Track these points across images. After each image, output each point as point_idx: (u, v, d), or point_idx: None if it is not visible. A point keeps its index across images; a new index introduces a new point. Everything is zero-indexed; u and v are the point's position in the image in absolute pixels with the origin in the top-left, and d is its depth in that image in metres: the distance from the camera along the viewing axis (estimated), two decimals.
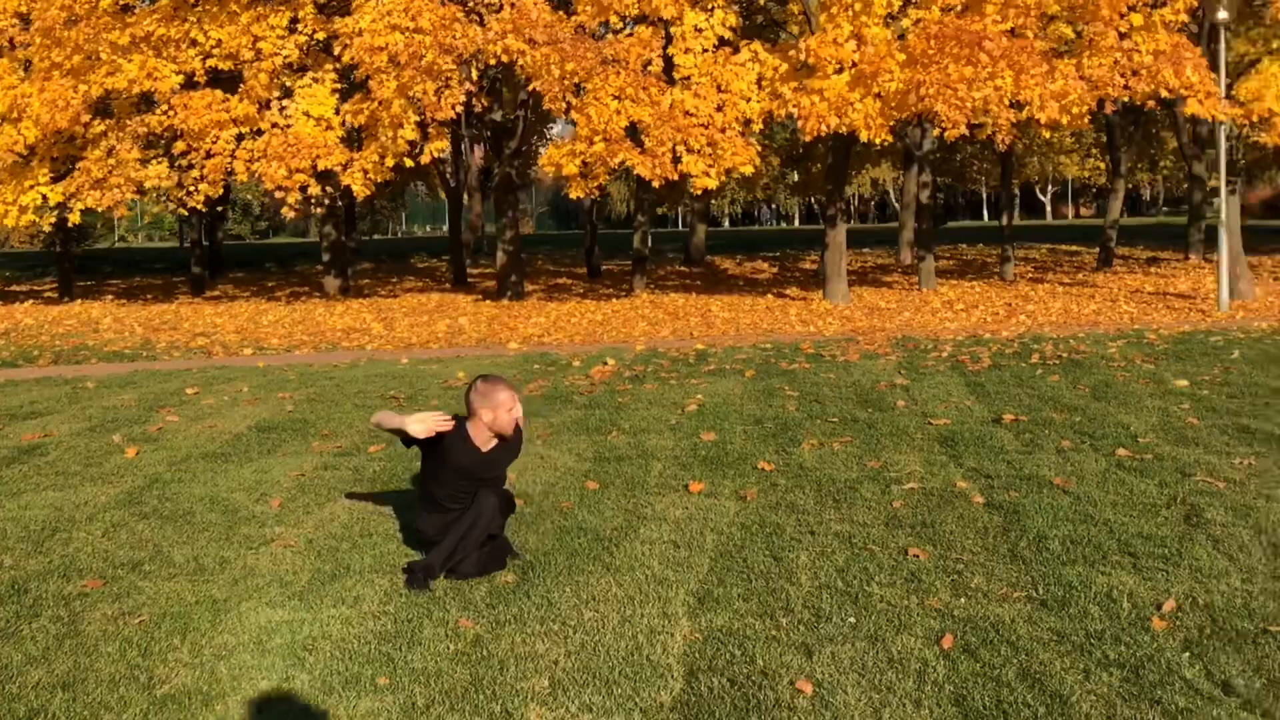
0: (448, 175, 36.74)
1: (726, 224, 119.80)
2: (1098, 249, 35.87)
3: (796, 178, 48.68)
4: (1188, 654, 5.24)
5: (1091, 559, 6.55)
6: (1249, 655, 5.20)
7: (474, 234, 49.08)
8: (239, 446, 10.36)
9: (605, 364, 15.22)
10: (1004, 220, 31.72)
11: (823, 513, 7.69)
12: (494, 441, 6.67)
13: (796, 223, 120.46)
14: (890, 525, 7.35)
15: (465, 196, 41.24)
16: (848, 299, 24.22)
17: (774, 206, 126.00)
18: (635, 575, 6.51)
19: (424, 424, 6.49)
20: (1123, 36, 19.78)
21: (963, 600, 5.97)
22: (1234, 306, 21.48)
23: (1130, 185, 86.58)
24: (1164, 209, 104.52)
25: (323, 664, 5.41)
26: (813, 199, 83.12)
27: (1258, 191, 78.73)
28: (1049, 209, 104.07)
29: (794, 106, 19.93)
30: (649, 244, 30.49)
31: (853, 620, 5.75)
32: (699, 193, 21.50)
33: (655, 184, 21.04)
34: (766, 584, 6.31)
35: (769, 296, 26.79)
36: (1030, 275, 32.24)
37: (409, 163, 23.34)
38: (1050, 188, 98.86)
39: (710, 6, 20.81)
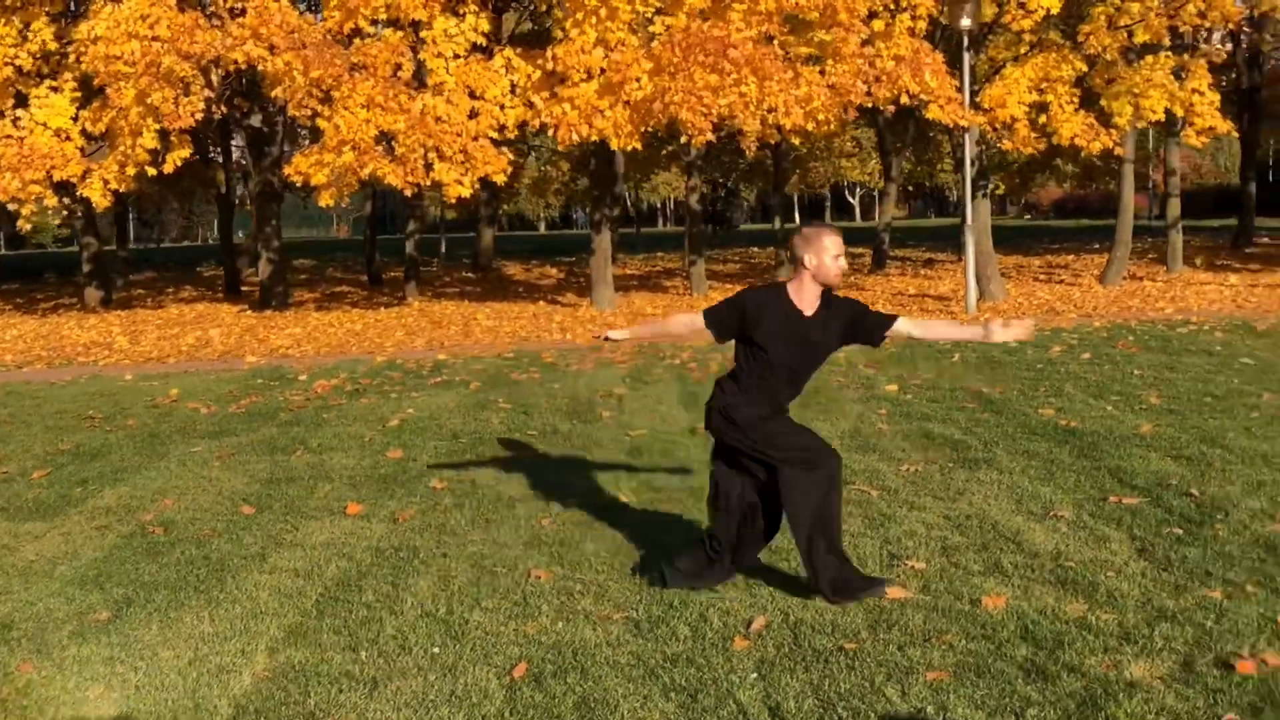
0: (219, 182, 35.86)
1: (543, 228, 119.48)
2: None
3: (588, 183, 48.54)
4: (756, 674, 5.18)
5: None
6: (814, 675, 5.15)
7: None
8: None
9: (332, 378, 14.89)
10: (777, 224, 32.04)
11: (469, 534, 7.53)
12: (818, 303, 6.03)
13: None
14: (530, 545, 7.21)
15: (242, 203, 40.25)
16: (614, 305, 24.18)
17: (587, 210, 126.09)
18: (236, 609, 6.26)
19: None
20: (867, 43, 20.06)
21: (560, 625, 5.85)
22: (983, 308, 21.95)
23: (931, 186, 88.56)
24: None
25: None
26: (627, 200, 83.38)
27: (1048, 190, 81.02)
28: (858, 211, 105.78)
29: (547, 115, 19.79)
30: (442, 249, 30.02)
31: (435, 650, 5.59)
32: (452, 201, 21.26)
33: (407, 192, 20.73)
34: (368, 613, 6.12)
35: (541, 303, 26.64)
36: None
37: (169, 168, 22.58)
38: (858, 190, 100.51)
39: (463, 12, 20.56)
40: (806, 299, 6.00)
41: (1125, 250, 26.53)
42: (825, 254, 5.94)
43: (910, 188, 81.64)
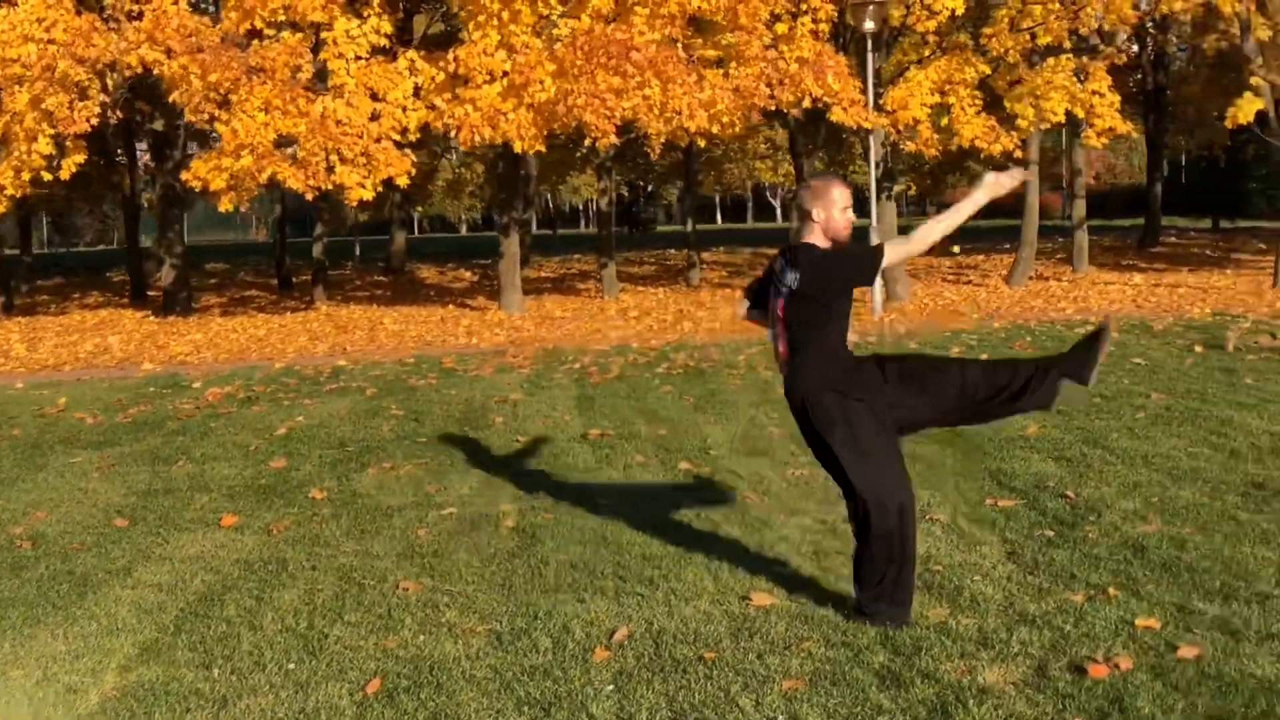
0: (124, 186, 35.34)
1: (464, 230, 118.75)
2: None
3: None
4: (613, 686, 5.13)
5: (579, 585, 6.43)
6: (671, 685, 5.10)
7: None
8: None
9: (227, 385, 14.68)
10: (689, 226, 32.07)
11: (342, 545, 7.42)
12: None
13: (534, 228, 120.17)
14: (403, 557, 7.12)
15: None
16: (522, 309, 24.08)
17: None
18: (93, 626, 6.12)
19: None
20: (771, 46, 20.10)
21: (422, 639, 5.77)
22: (888, 308, 22.07)
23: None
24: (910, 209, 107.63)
25: None
26: (549, 202, 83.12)
27: (963, 191, 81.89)
28: (779, 212, 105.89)
29: (449, 118, 19.66)
30: (357, 252, 29.72)
31: (290, 667, 5.49)
32: (354, 203, 21.08)
33: (308, 196, 20.51)
34: (227, 629, 6.00)
35: (451, 307, 26.49)
36: (718, 281, 32.65)
37: (65, 174, 22.16)
38: (779, 191, 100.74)
39: (365, 13, 20.38)
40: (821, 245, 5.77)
41: (1031, 251, 26.80)
42: (834, 207, 5.71)
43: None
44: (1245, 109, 22.11)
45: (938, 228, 5.93)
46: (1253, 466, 8.50)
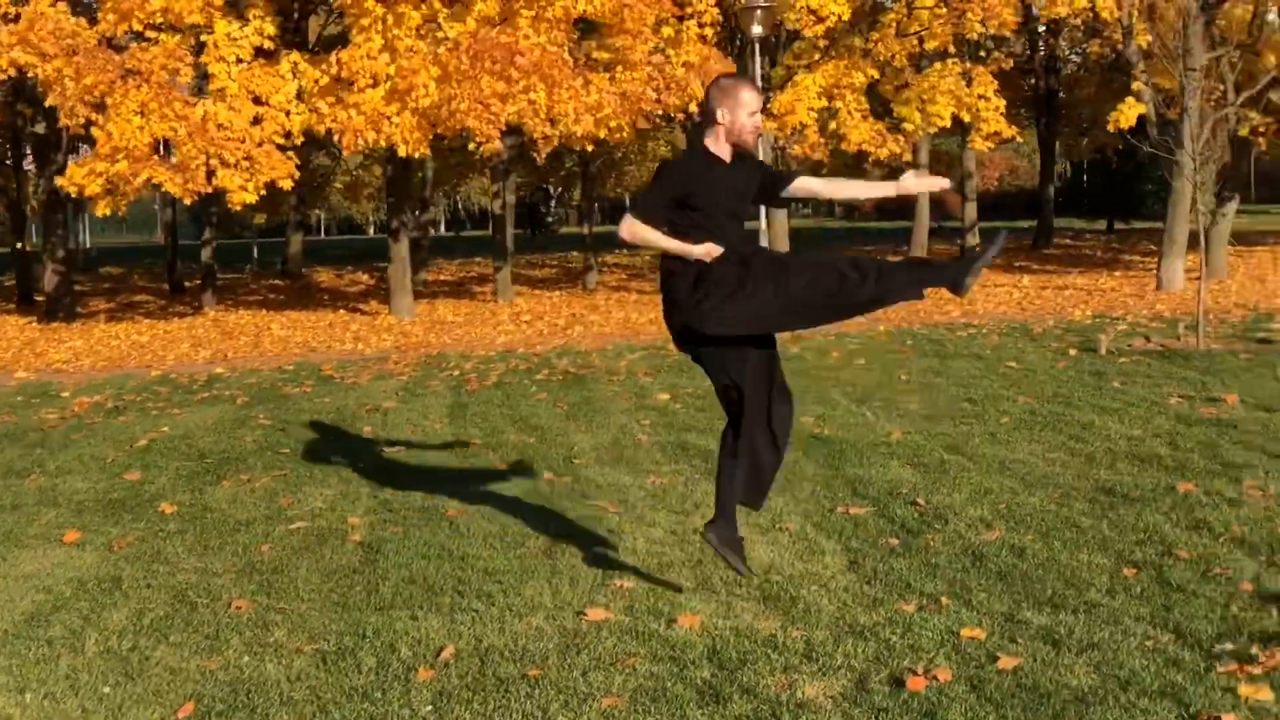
0: (9, 190, 34.57)
1: (371, 231, 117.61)
2: None
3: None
4: (431, 708, 5.05)
5: (415, 601, 6.34)
6: (490, 705, 5.04)
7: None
8: None
9: (98, 394, 14.40)
10: (586, 229, 32.02)
11: (183, 561, 7.28)
12: (733, 156, 5.55)
13: (444, 229, 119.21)
14: (243, 573, 6.99)
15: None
16: (413, 314, 23.90)
17: (418, 213, 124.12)
18: None
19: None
20: (656, 51, 20.10)
21: (246, 659, 5.65)
22: None
23: None
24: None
25: None
26: (459, 204, 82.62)
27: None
28: None
29: (332, 121, 19.45)
30: (254, 255, 29.29)
31: (106, 690, 5.35)
32: (237, 208, 20.79)
33: (187, 200, 20.20)
34: (47, 651, 5.85)
35: (342, 311, 26.23)
36: (615, 284, 32.62)
37: None
38: None
39: (249, 16, 20.11)
40: (723, 154, 5.57)
41: (921, 253, 27.03)
42: (741, 109, 5.44)
43: None
44: (1127, 114, 22.45)
45: (851, 186, 6.08)
46: (1105, 472, 8.58)
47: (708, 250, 5.44)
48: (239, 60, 19.73)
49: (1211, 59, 25.16)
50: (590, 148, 22.40)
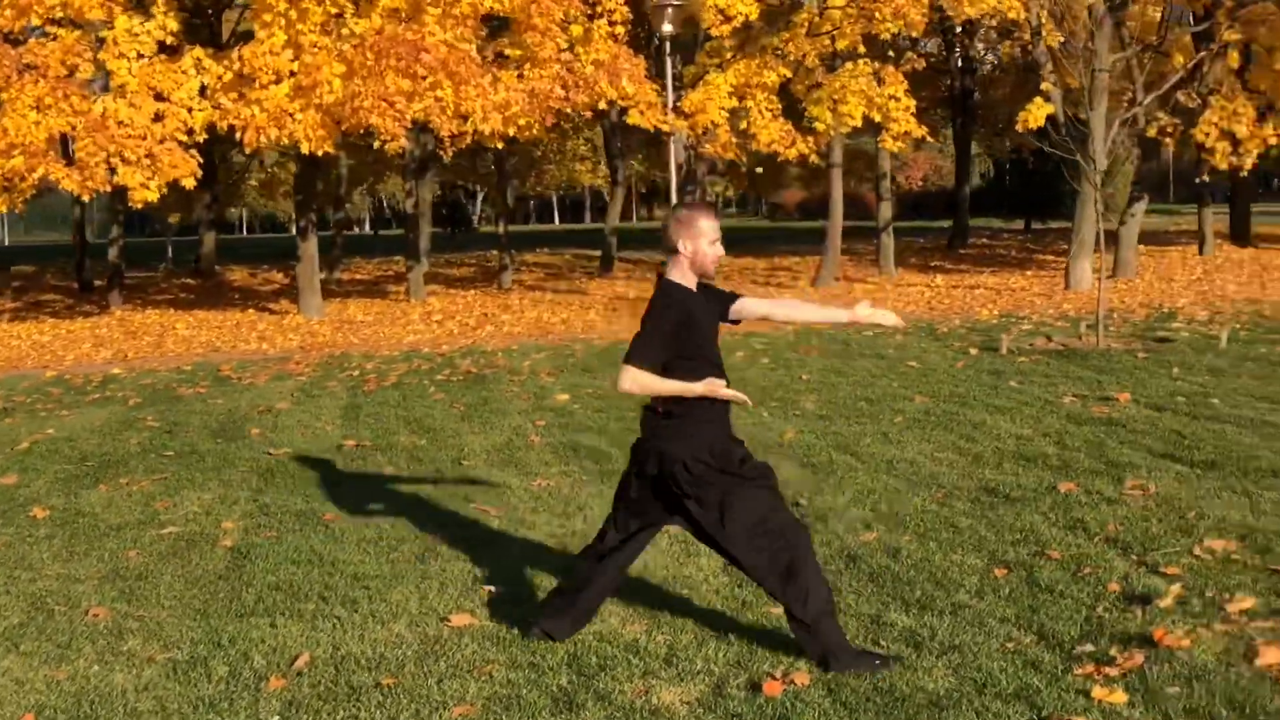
0: None
1: (294, 229, 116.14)
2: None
3: (320, 186, 47.48)
4: (278, 717, 4.92)
5: (277, 608, 6.20)
6: (341, 714, 4.92)
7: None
8: None
9: None
10: (502, 228, 31.86)
11: (47, 567, 7.09)
12: (697, 287, 5.37)
13: (369, 227, 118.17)
14: (105, 580, 6.81)
15: None
16: (322, 313, 23.62)
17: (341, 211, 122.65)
18: None
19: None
20: (565, 49, 19.99)
21: (96, 669, 5.49)
22: None
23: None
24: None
25: None
26: (384, 202, 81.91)
27: (791, 193, 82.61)
28: (587, 214, 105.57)
29: (235, 118, 19.16)
30: (169, 254, 28.80)
31: None
32: (139, 206, 20.44)
33: (85, 197, 19.86)
34: None
35: (251, 311, 25.90)
36: (532, 283, 32.46)
37: None
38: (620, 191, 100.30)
39: (151, 11, 19.76)
40: (691, 284, 5.38)
41: (835, 254, 27.11)
42: (702, 239, 5.29)
43: (644, 190, 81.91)
44: (1036, 114, 22.59)
45: (803, 310, 5.95)
46: (990, 472, 8.58)
47: (710, 386, 5.29)
48: (140, 56, 19.38)
49: (1120, 60, 25.44)
50: (500, 145, 22.23)
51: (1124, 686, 4.81)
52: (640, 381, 5.22)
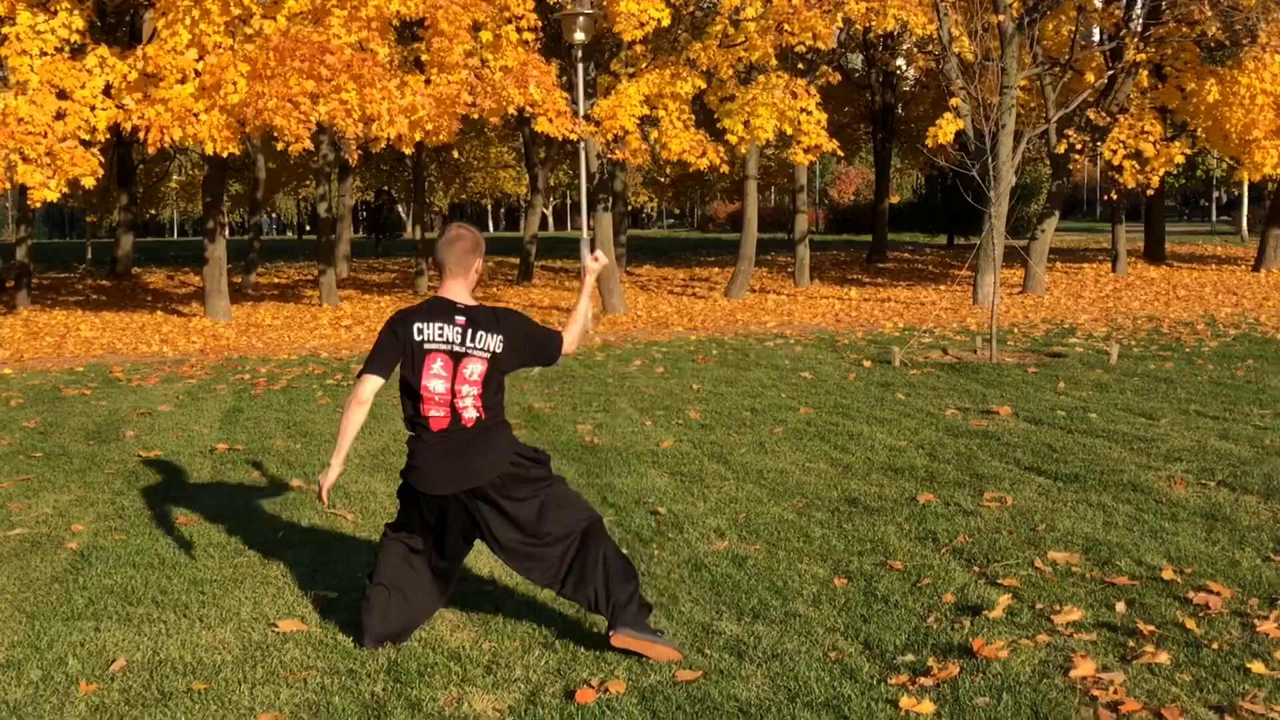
0: None
1: (226, 233, 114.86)
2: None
3: (240, 188, 47.09)
4: None
5: (106, 612, 6.09)
6: (146, 719, 4.83)
7: None
8: None
9: None
10: (418, 234, 31.70)
11: None
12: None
13: (297, 232, 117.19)
14: None
15: None
16: (229, 316, 23.37)
17: (274, 215, 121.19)
18: None
19: None
20: (473, 54, 19.89)
21: None
22: (605, 321, 22.10)
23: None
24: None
25: None
26: (313, 206, 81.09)
27: (722, 205, 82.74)
28: (520, 221, 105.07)
29: (138, 117, 18.91)
30: (88, 255, 28.34)
31: None
32: (38, 205, 20.15)
33: None
34: None
35: (160, 313, 25.56)
36: None
37: None
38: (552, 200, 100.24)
39: (54, 8, 19.48)
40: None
41: (749, 265, 27.17)
42: (480, 259, 5.62)
43: (575, 200, 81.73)
44: (946, 129, 22.76)
45: (581, 309, 5.92)
46: (857, 482, 8.60)
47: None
48: (43, 53, 19.09)
49: (1031, 75, 25.70)
50: (409, 150, 22.11)
51: (933, 697, 4.82)
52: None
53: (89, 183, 19.21)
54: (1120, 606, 5.82)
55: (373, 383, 5.49)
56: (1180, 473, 8.58)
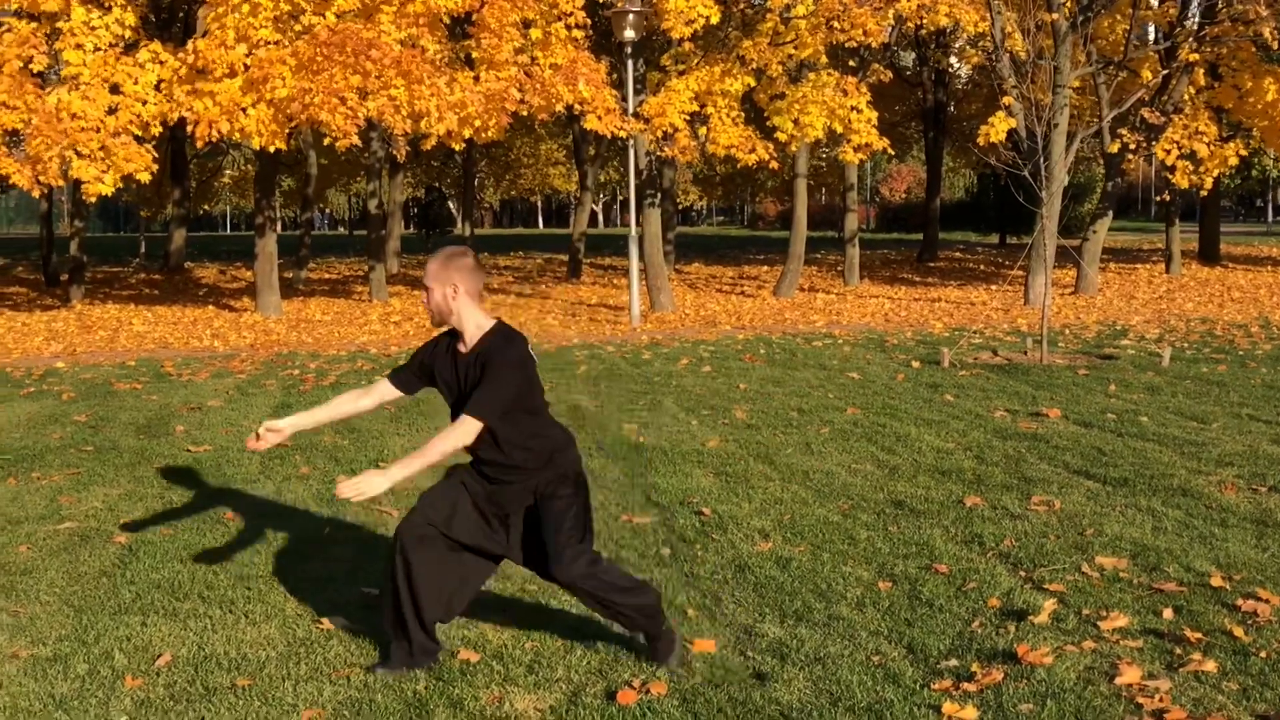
0: None
1: (279, 228, 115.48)
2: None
3: (292, 184, 47.44)
4: (126, 718, 4.86)
5: (153, 607, 6.14)
6: (189, 716, 4.87)
7: None
8: None
9: None
10: (468, 230, 31.79)
11: None
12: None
13: (344, 229, 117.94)
14: None
15: None
16: (279, 311, 23.51)
17: (326, 210, 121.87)
18: None
19: None
20: (522, 51, 19.93)
21: None
22: (653, 319, 22.07)
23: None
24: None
25: None
26: (365, 201, 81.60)
27: (770, 203, 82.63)
28: (570, 218, 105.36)
29: (187, 111, 19.06)
30: (142, 249, 28.61)
31: None
32: (92, 200, 20.35)
33: (35, 193, 19.75)
34: None
35: (211, 308, 25.77)
36: (498, 286, 32.30)
37: None
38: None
39: (108, 4, 19.66)
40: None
41: (798, 263, 27.07)
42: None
43: (625, 197, 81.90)
44: (998, 128, 22.57)
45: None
46: (903, 485, 8.55)
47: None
48: (96, 49, 19.28)
49: (1085, 75, 25.47)
50: (460, 147, 22.17)
51: (976, 703, 4.78)
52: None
53: (144, 177, 19.39)
54: (1167, 613, 5.75)
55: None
56: (1231, 478, 8.48)
